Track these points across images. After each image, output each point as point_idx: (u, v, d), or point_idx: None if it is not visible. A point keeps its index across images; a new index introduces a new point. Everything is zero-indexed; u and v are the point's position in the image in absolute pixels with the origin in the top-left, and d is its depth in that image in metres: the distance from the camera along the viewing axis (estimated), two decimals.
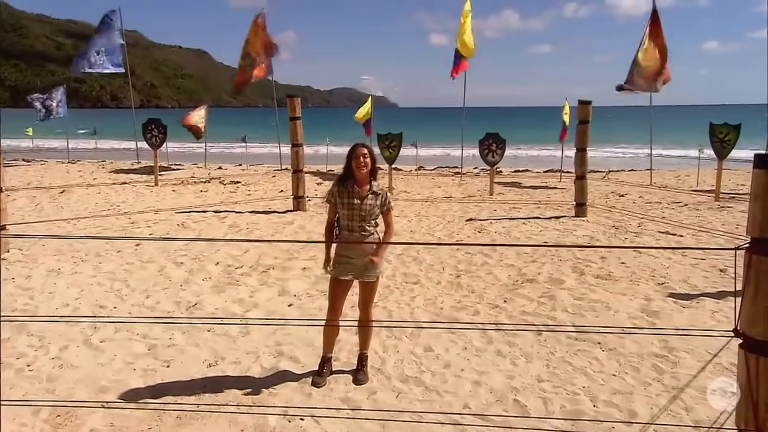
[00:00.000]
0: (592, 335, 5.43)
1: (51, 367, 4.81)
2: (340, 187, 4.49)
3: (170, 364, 4.89)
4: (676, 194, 14.46)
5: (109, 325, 5.68)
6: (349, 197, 4.43)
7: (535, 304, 6.31)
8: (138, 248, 8.64)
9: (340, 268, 4.50)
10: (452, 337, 5.44)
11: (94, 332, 5.52)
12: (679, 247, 8.25)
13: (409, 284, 6.98)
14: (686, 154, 28.44)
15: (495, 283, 7.04)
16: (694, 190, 15.16)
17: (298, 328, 5.62)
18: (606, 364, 4.90)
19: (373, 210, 4.44)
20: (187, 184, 16.06)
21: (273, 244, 8.87)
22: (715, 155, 13.69)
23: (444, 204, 12.77)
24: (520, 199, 13.82)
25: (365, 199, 4.42)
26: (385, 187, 4.61)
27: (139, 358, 5.02)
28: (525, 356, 5.04)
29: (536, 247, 8.68)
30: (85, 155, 27.54)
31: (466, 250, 8.58)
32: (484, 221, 10.82)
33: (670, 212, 11.78)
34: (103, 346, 5.22)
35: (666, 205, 12.64)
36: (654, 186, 16.28)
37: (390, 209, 4.59)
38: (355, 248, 4.46)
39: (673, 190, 15.43)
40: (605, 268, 7.64)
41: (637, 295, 6.52)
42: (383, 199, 4.52)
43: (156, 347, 5.21)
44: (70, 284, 6.92)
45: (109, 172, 19.42)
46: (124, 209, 11.95)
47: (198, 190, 14.87)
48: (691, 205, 12.59)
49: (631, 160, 29.78)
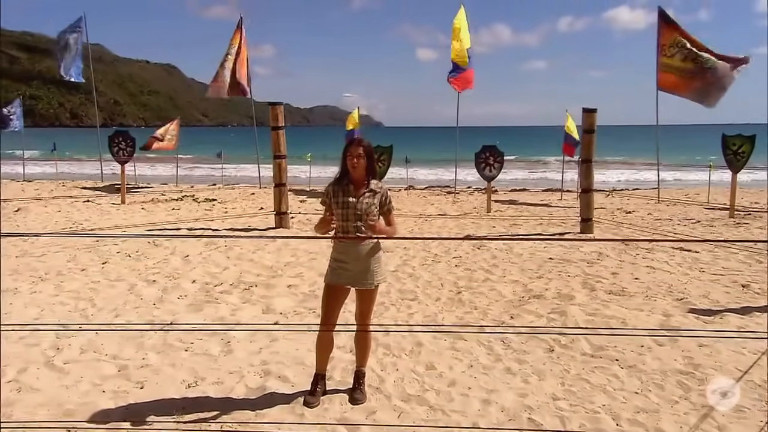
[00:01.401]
0: (610, 352, 5.37)
1: (8, 390, 4.64)
2: (335, 186, 4.42)
3: (144, 385, 4.75)
4: (687, 211, 14.55)
5: (73, 345, 5.53)
6: (344, 195, 4.36)
7: (544, 320, 6.25)
8: (105, 266, 8.48)
9: (335, 275, 4.39)
10: (456, 355, 5.35)
11: (56, 353, 5.36)
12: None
13: (405, 300, 6.89)
14: (695, 173, 28.84)
15: (499, 299, 6.98)
16: (706, 207, 15.26)
17: (286, 346, 5.51)
18: (626, 381, 4.82)
19: (370, 209, 4.35)
20: (157, 202, 15.90)
21: (255, 261, 8.77)
22: (728, 168, 13.82)
23: (439, 221, 12.73)
24: (520, 216, 13.84)
25: (361, 198, 4.35)
26: (385, 186, 4.53)
27: (109, 379, 4.87)
28: (537, 374, 4.96)
29: (543, 263, 8.66)
30: (42, 175, 27.24)
31: (465, 266, 8.55)
32: (482, 238, 10.78)
33: (682, 228, 11.83)
34: (67, 368, 5.06)
35: (677, 222, 12.70)
36: (663, 202, 16.38)
37: (391, 209, 4.50)
38: (351, 253, 4.36)
39: (683, 204, 15.53)
40: (618, 283, 7.61)
41: (654, 310, 6.47)
42: (383, 198, 4.44)
43: (127, 368, 5.07)
44: (29, 304, 6.75)
45: (69, 189, 19.21)
46: (88, 227, 11.77)
47: (169, 208, 14.72)
48: (704, 222, 12.66)
49: (636, 180, 30.02)
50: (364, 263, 4.37)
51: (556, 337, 5.72)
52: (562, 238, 10.81)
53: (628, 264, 8.65)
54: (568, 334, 5.72)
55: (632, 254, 9.33)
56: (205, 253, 9.38)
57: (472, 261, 8.90)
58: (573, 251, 9.59)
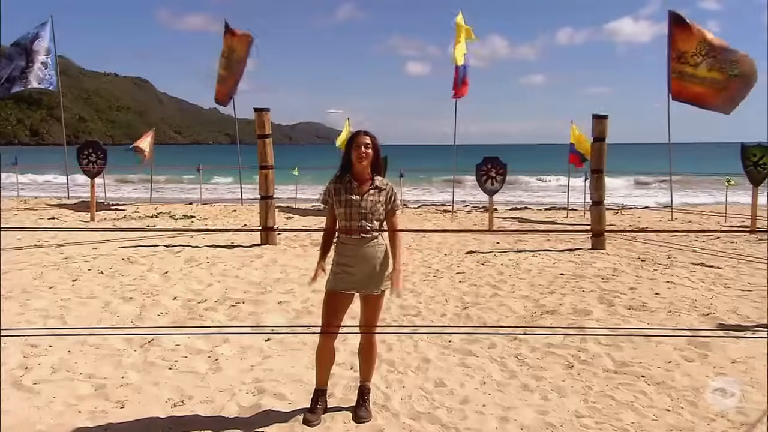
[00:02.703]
0: (635, 368, 5.33)
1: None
2: (336, 183, 4.37)
3: (124, 404, 4.64)
4: (705, 228, 14.60)
5: (44, 364, 5.41)
6: (347, 193, 4.30)
7: (560, 336, 6.19)
8: (75, 284, 8.37)
9: (338, 280, 4.32)
10: (467, 371, 5.29)
11: (25, 372, 5.24)
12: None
13: (408, 317, 6.84)
14: (706, 193, 29.12)
15: (510, 315, 6.93)
16: (724, 226, 15.29)
17: (281, 363, 5.43)
18: (655, 398, 4.77)
19: (375, 207, 4.30)
20: (130, 219, 15.79)
21: (241, 277, 8.69)
22: (749, 181, 13.91)
23: (437, 236, 12.69)
24: (525, 231, 13.82)
25: (366, 195, 4.30)
26: (390, 183, 4.47)
27: (85, 399, 4.75)
28: (557, 390, 4.90)
29: (554, 279, 8.65)
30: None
31: (470, 282, 8.53)
32: (486, 254, 10.75)
33: (701, 245, 11.85)
34: (37, 388, 4.95)
35: (695, 238, 12.73)
36: (677, 219, 16.45)
37: (396, 209, 4.44)
38: (355, 256, 4.30)
39: (699, 221, 15.60)
40: (637, 299, 7.58)
41: (680, 326, 6.45)
42: (388, 196, 4.38)
43: (105, 387, 4.96)
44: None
45: (33, 206, 19.04)
46: (55, 246, 11.62)
47: (143, 225, 14.61)
48: (724, 238, 12.70)
49: (645, 198, 30.17)
50: (369, 267, 4.31)
51: (575, 353, 5.68)
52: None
53: (646, 280, 8.64)
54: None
55: (650, 270, 9.32)
56: (185, 269, 9.28)
57: (477, 277, 8.86)
58: (586, 267, 9.58)
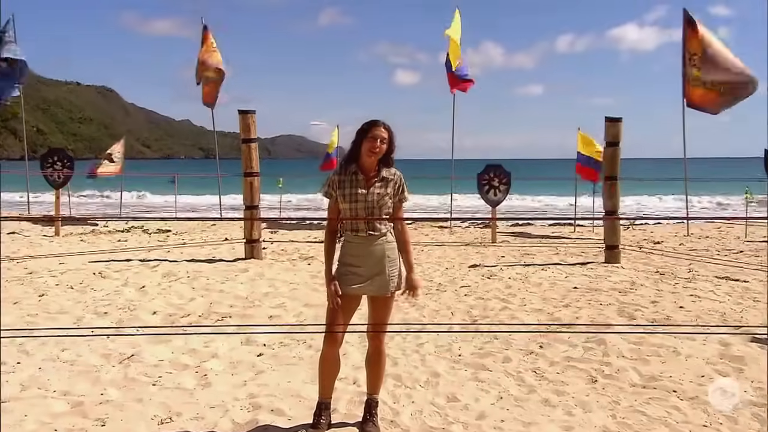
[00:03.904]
0: (664, 382, 5.31)
1: None
2: (341, 175, 4.31)
3: (105, 422, 4.56)
4: (724, 242, 14.66)
5: (12, 381, 5.31)
6: (353, 186, 4.25)
7: (580, 349, 6.17)
8: (42, 299, 8.26)
9: (344, 281, 4.27)
10: (481, 386, 5.26)
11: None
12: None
13: (412, 330, 6.78)
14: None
15: (523, 328, 6.90)
16: (746, 242, 15.32)
17: (276, 378, 5.36)
18: (690, 413, 4.74)
19: (383, 200, 4.25)
20: (99, 234, 15.66)
21: (226, 291, 8.63)
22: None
23: (437, 250, 12.67)
24: (531, 246, 13.84)
25: (372, 188, 4.25)
26: (398, 172, 4.41)
27: (61, 417, 4.66)
28: (581, 405, 4.86)
29: (567, 293, 8.64)
30: None
31: (477, 295, 8.53)
32: (492, 267, 10.73)
33: (723, 259, 11.89)
34: (6, 407, 4.85)
35: (716, 252, 12.78)
36: (693, 234, 16.50)
37: (403, 200, 4.39)
38: (362, 255, 4.26)
39: (717, 237, 15.65)
40: (660, 312, 7.58)
41: (709, 339, 6.43)
42: (396, 187, 4.33)
43: (83, 404, 4.87)
44: None
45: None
46: (17, 261, 11.50)
47: (114, 240, 14.50)
48: (747, 252, 12.75)
49: (655, 211, 30.35)
50: (378, 266, 4.28)
51: (597, 368, 5.65)
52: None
53: (667, 293, 8.64)
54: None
55: (670, 284, 9.32)
56: (164, 284, 9.20)
57: (483, 290, 8.83)
58: (600, 281, 9.58)
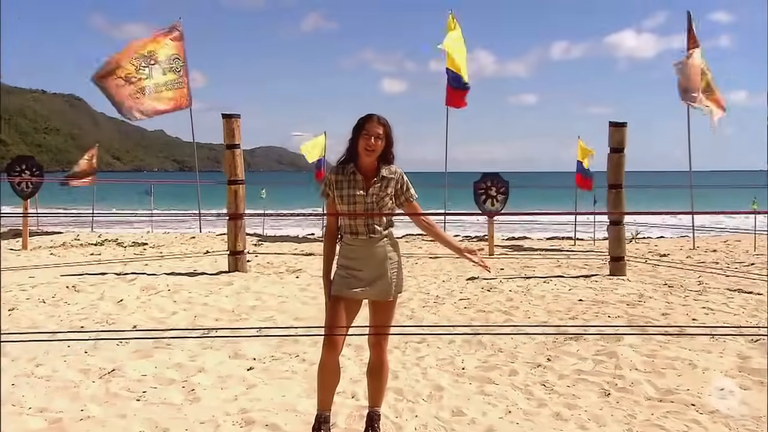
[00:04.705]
0: (682, 395, 5.30)
1: None
2: (338, 174, 4.30)
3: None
4: (734, 255, 14.74)
5: None
6: (351, 187, 4.24)
7: (590, 362, 6.16)
8: (12, 313, 8.19)
9: (344, 284, 4.24)
10: (488, 399, 5.24)
11: None
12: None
13: (411, 343, 6.77)
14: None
15: (528, 341, 6.89)
16: (756, 255, 15.41)
17: (269, 392, 5.34)
18: (711, 427, 4.73)
19: (382, 202, 4.24)
20: (70, 247, 15.56)
21: (210, 305, 8.59)
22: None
23: (432, 262, 12.67)
24: (530, 258, 13.86)
25: (371, 189, 4.24)
26: (399, 170, 4.40)
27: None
28: (595, 419, 4.85)
29: (572, 305, 8.65)
30: None
31: (477, 308, 8.55)
32: (491, 280, 10.72)
33: (732, 271, 11.95)
34: None
35: (726, 265, 12.84)
36: (699, 248, 16.59)
37: (410, 199, 4.37)
38: (363, 257, 4.24)
39: (724, 250, 15.73)
40: (673, 324, 7.60)
41: (727, 352, 6.44)
42: (398, 186, 4.31)
43: (61, 421, 4.81)
44: None
45: None
46: None
47: (87, 253, 14.41)
48: (759, 264, 12.82)
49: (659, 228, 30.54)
50: (379, 269, 4.25)
51: (610, 381, 5.65)
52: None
53: (678, 306, 8.66)
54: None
55: (680, 296, 9.35)
56: (143, 297, 9.14)
57: (484, 303, 8.84)
58: (607, 293, 9.59)
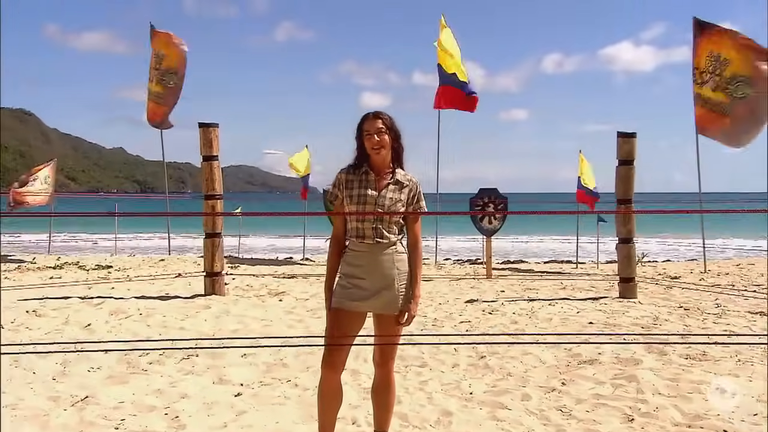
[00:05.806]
0: (712, 421, 5.29)
1: None
2: (349, 173, 4.31)
3: None
4: (750, 278, 14.80)
5: None
6: (362, 186, 4.23)
7: (609, 386, 6.14)
8: None
9: (347, 295, 4.20)
10: (501, 425, 5.23)
11: None
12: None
13: (413, 367, 6.74)
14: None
15: (539, 365, 6.87)
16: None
17: (262, 419, 5.29)
18: None
19: (395, 207, 4.22)
20: (26, 271, 15.38)
21: (187, 329, 8.51)
22: None
23: (426, 284, 12.64)
24: (532, 280, 13.88)
25: (384, 191, 4.22)
26: (415, 179, 4.40)
27: None
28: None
29: (582, 328, 8.65)
30: None
31: (480, 331, 8.59)
32: (492, 302, 10.73)
33: (751, 293, 11.99)
34: None
35: (742, 287, 12.89)
36: (711, 271, 16.68)
37: (418, 209, 4.37)
38: (368, 265, 4.19)
39: (737, 274, 15.82)
40: (693, 347, 7.58)
41: (756, 376, 6.44)
42: (411, 194, 4.31)
43: None
44: None
45: None
46: None
47: (46, 277, 14.24)
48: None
49: (667, 251, 30.80)
50: (385, 279, 4.22)
51: (632, 405, 5.64)
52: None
53: (697, 329, 8.69)
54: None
55: (698, 319, 9.38)
56: (112, 322, 9.03)
57: (486, 326, 8.83)
58: (618, 316, 9.60)
